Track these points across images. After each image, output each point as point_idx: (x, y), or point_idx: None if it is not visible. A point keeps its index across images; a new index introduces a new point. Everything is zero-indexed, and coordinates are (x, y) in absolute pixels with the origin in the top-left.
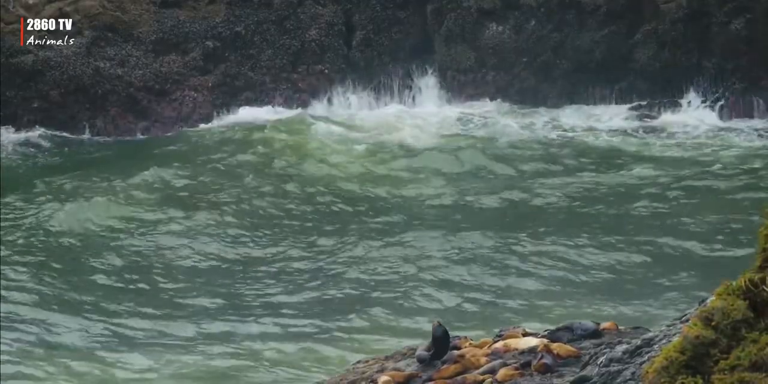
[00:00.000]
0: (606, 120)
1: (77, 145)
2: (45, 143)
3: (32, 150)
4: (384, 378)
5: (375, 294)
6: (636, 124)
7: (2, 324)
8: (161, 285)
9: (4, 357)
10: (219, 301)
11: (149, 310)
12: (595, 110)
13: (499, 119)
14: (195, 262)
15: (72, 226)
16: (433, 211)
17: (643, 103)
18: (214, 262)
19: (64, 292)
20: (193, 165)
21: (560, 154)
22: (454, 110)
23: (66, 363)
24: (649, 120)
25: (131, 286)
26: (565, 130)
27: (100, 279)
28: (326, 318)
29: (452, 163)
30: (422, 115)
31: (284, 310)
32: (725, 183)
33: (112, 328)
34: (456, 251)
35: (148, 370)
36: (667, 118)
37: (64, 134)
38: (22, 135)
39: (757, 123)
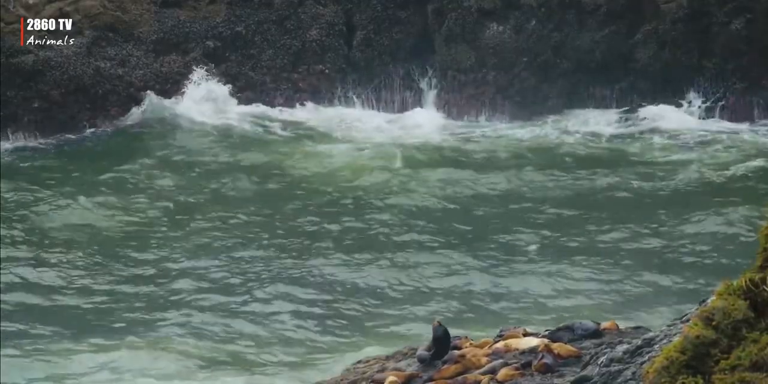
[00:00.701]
0: (606, 122)
1: (76, 143)
2: (44, 144)
3: (30, 153)
4: (390, 378)
5: (372, 294)
6: (636, 125)
7: (5, 315)
8: (159, 282)
9: (5, 345)
10: (216, 298)
11: (148, 301)
12: (594, 112)
13: (499, 123)
14: (191, 262)
15: (72, 225)
16: (433, 215)
17: (644, 103)
18: (210, 262)
19: (63, 287)
20: (191, 164)
21: (560, 157)
22: (453, 114)
23: (67, 348)
24: (649, 120)
25: (129, 283)
26: (566, 134)
27: (98, 276)
28: (326, 318)
29: (452, 168)
30: (420, 119)
31: (282, 311)
32: (726, 183)
33: (115, 321)
34: (457, 253)
35: (143, 358)
36: (667, 118)
37: (65, 135)
38: (22, 142)
39: (758, 123)
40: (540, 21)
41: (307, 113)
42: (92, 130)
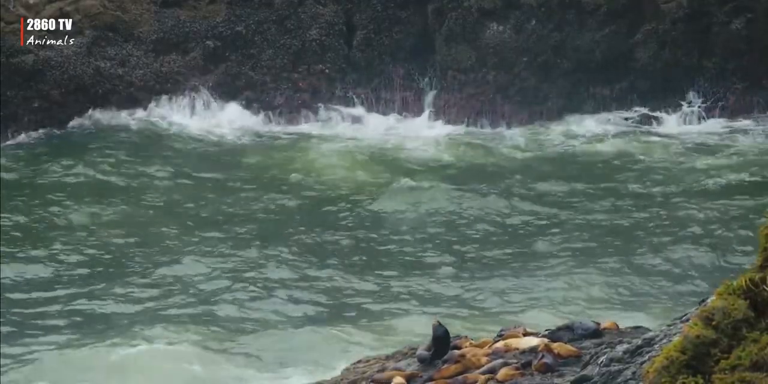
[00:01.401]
0: (605, 122)
1: (74, 138)
2: (45, 141)
3: (31, 150)
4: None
5: (372, 295)
6: (636, 125)
7: (6, 310)
8: (160, 282)
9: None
10: (218, 297)
11: (151, 299)
12: (594, 112)
13: (499, 124)
14: (192, 262)
15: (74, 225)
16: (434, 217)
17: (643, 104)
18: (211, 261)
19: (63, 286)
20: (189, 165)
21: (560, 158)
22: (452, 115)
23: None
24: (648, 121)
25: (131, 282)
26: (565, 134)
27: (95, 276)
28: (326, 317)
29: (452, 170)
30: (420, 120)
31: (283, 310)
32: (726, 183)
33: (115, 318)
34: (457, 254)
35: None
36: (667, 118)
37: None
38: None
39: (758, 123)
40: (540, 21)
41: (306, 116)
42: (77, 122)
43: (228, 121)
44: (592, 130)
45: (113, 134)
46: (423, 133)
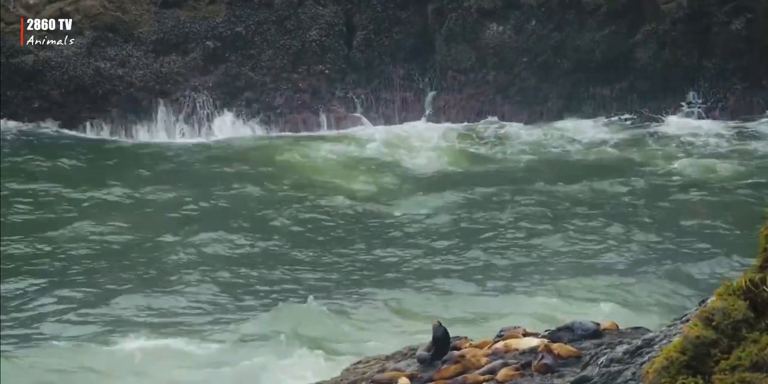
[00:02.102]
0: (605, 122)
1: (77, 143)
2: (46, 140)
3: (34, 148)
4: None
5: (372, 295)
6: (636, 126)
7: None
8: (157, 285)
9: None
10: (216, 299)
11: (151, 301)
12: (594, 113)
13: (499, 124)
14: (189, 265)
15: (72, 229)
16: (434, 219)
17: (643, 104)
18: (207, 264)
19: (60, 287)
20: (188, 168)
21: (560, 160)
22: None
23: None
24: (648, 121)
25: (123, 281)
26: (565, 136)
27: (95, 275)
28: (327, 317)
29: (452, 172)
30: (420, 121)
31: (284, 312)
32: (726, 184)
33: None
34: (457, 255)
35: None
36: (667, 118)
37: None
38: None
39: (758, 123)
40: (540, 21)
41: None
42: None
43: (227, 121)
44: (591, 131)
45: (112, 136)
46: (423, 133)
